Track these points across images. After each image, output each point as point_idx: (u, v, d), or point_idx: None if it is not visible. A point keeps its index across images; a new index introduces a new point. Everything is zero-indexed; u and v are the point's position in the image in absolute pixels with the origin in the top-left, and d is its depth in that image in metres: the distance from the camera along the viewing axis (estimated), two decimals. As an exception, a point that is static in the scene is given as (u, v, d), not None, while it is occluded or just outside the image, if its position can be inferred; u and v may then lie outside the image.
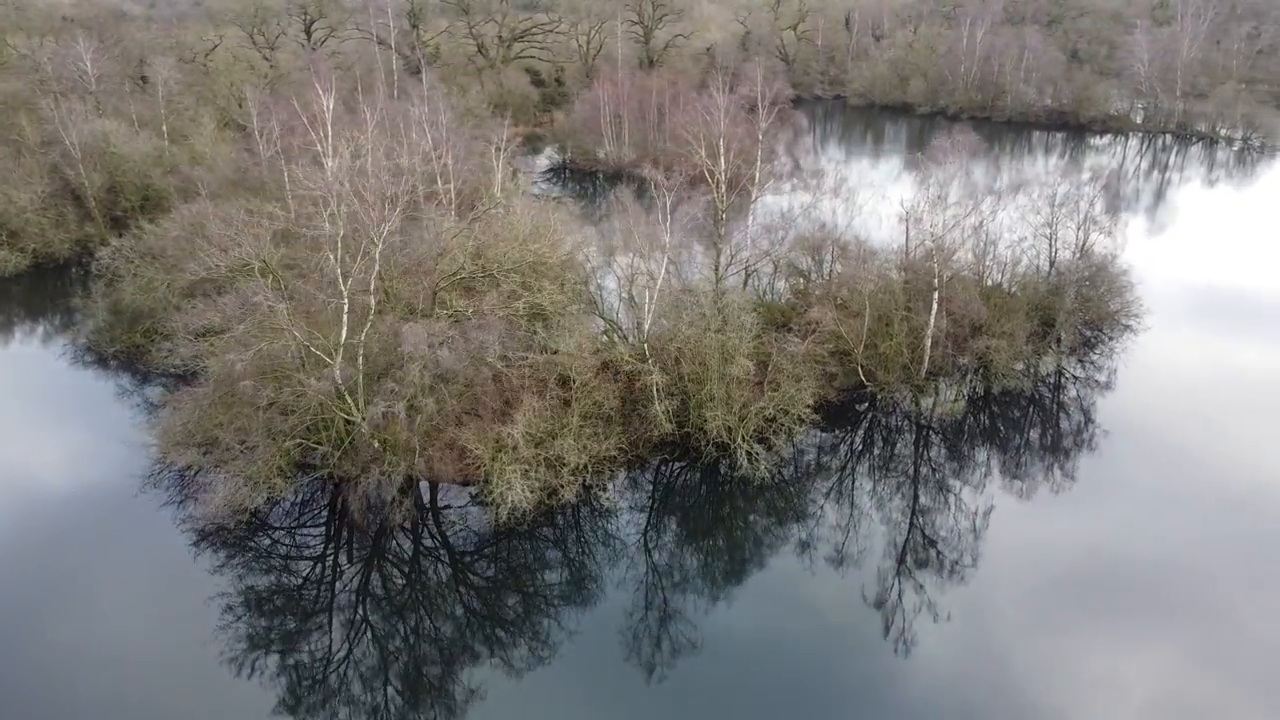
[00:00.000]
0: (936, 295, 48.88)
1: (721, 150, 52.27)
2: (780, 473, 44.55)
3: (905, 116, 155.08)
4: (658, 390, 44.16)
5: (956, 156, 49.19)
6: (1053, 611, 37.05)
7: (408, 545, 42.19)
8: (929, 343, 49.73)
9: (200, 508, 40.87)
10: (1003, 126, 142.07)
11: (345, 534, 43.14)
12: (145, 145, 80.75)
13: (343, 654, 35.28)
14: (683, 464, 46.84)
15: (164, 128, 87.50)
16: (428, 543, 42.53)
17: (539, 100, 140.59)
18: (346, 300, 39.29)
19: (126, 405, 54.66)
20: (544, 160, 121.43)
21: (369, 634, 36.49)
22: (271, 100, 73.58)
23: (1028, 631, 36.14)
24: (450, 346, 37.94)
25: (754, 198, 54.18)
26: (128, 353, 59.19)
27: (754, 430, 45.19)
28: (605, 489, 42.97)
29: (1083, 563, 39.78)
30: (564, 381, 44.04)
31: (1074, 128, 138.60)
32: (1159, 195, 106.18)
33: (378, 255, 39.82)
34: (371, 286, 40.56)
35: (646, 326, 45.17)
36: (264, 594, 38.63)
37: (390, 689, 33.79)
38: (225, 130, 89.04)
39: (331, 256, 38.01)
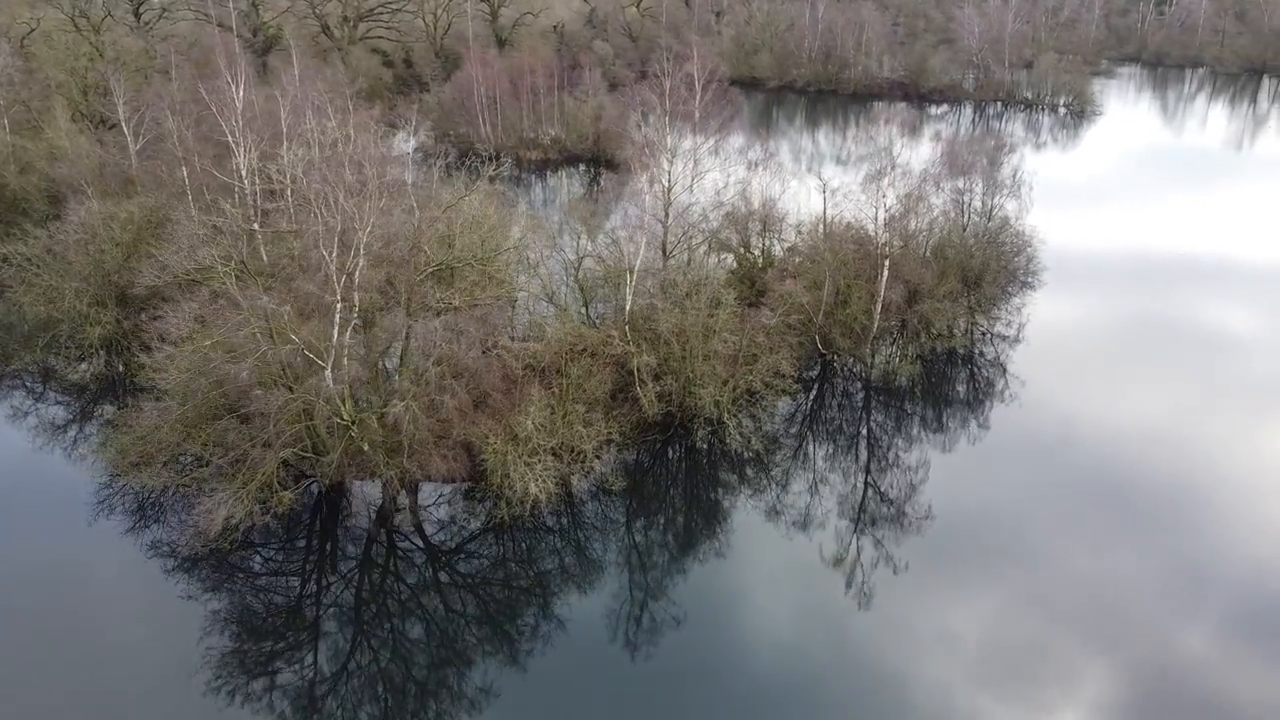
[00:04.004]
0: (886, 264, 51.15)
1: (666, 130, 52.61)
2: (754, 443, 45.82)
3: (754, 90, 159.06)
4: (642, 372, 44.26)
5: (895, 131, 51.50)
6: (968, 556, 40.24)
7: (398, 550, 40.83)
8: (879, 309, 52.00)
9: (187, 531, 38.03)
10: (849, 98, 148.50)
11: (332, 544, 41.19)
12: (-8, 141, 72.97)
13: (341, 669, 33.91)
14: (664, 443, 47.23)
15: (4, 120, 79.12)
16: (419, 544, 41.16)
17: (392, 82, 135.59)
18: (340, 299, 37.39)
19: (31, 429, 49.82)
20: (409, 145, 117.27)
21: (366, 645, 35.17)
22: (152, 89, 67.93)
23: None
24: (465, 339, 36.68)
25: (691, 178, 54.66)
26: (27, 371, 53.89)
27: (734, 404, 46.15)
28: (596, 472, 42.83)
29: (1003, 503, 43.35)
30: (553, 369, 43.49)
31: (915, 97, 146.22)
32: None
33: (363, 249, 38.03)
34: (356, 283, 38.74)
35: (628, 308, 45.13)
36: (255, 614, 36.60)
37: (391, 699, 32.78)
38: (80, 122, 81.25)
39: (325, 254, 35.96)
